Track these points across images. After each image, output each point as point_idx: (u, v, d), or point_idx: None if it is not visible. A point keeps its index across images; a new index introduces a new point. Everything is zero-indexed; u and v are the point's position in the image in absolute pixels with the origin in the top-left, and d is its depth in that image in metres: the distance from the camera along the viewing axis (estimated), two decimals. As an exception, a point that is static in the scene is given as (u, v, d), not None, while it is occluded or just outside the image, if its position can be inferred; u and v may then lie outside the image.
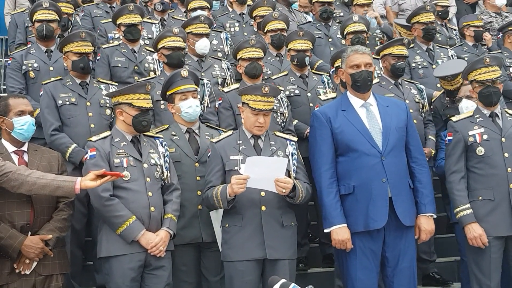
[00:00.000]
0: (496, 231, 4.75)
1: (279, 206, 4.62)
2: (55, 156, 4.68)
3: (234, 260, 4.59)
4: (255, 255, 4.56)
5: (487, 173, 4.80)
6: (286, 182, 4.48)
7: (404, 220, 4.52)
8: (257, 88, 4.71)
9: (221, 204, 4.54)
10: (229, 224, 4.65)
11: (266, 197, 4.58)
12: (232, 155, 4.66)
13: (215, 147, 4.72)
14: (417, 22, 7.05)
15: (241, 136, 4.75)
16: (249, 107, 4.68)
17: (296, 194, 4.55)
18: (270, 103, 4.72)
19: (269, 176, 4.46)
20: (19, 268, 4.36)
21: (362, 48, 4.72)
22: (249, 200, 4.57)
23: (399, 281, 4.58)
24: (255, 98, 4.67)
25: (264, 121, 4.69)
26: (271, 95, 4.72)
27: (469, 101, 5.55)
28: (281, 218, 4.62)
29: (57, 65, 6.24)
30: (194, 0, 7.73)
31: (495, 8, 9.29)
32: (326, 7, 7.71)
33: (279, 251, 4.58)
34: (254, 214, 4.58)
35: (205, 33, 6.50)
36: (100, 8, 8.13)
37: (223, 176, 4.66)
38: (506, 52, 7.10)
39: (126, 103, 4.65)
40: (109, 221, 4.51)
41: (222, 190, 4.52)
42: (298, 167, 4.74)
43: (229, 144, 4.71)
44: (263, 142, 4.74)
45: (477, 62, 5.01)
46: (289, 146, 4.76)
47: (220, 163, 4.67)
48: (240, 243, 4.58)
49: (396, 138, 4.58)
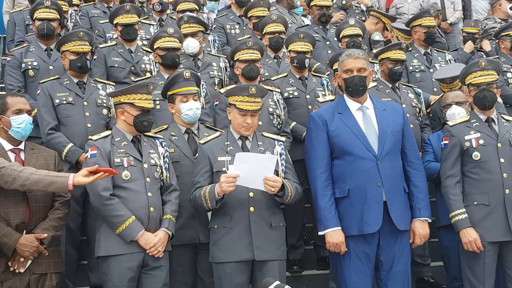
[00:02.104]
0: (491, 236, 4.75)
1: (267, 207, 4.62)
2: (51, 154, 4.69)
3: (223, 261, 4.58)
4: (244, 256, 4.56)
5: (483, 178, 4.80)
6: (274, 180, 4.47)
7: (398, 224, 4.53)
8: (244, 89, 4.70)
9: (210, 203, 4.52)
10: (217, 225, 4.64)
11: (254, 198, 4.58)
12: (220, 156, 4.65)
13: (202, 148, 4.72)
14: (419, 25, 7.05)
15: (228, 137, 4.74)
16: (236, 108, 4.67)
17: (285, 193, 4.54)
18: (258, 104, 4.71)
19: (258, 174, 4.44)
20: (14, 267, 4.37)
21: (357, 52, 4.71)
22: (238, 201, 4.57)
23: (393, 284, 4.58)
24: (242, 99, 4.67)
25: (252, 121, 4.69)
26: (258, 96, 4.71)
27: (459, 108, 5.57)
28: (269, 219, 4.62)
29: (56, 64, 6.24)
30: (183, 2, 7.75)
31: (504, 15, 9.28)
32: (324, 11, 7.71)
33: (268, 252, 4.58)
34: (243, 215, 4.58)
35: (190, 33, 6.48)
36: (97, 8, 8.15)
37: (211, 177, 4.65)
38: (502, 58, 7.11)
39: (128, 103, 4.65)
40: (109, 221, 4.51)
41: (211, 190, 4.51)
42: (287, 167, 4.74)
43: (217, 145, 4.70)
44: (250, 143, 4.74)
45: (472, 66, 5.02)
46: (277, 146, 4.76)
47: (208, 164, 4.66)
48: (228, 244, 4.57)
49: (392, 142, 4.59)
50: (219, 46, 7.38)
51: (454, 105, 5.61)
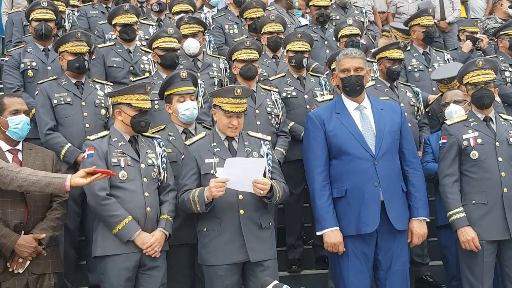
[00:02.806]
0: (489, 235, 4.76)
1: (256, 209, 4.61)
2: (49, 155, 4.69)
3: (214, 264, 4.56)
4: (236, 258, 4.54)
5: (481, 177, 4.81)
6: (264, 183, 4.45)
7: (396, 224, 4.53)
8: (230, 91, 4.65)
9: (199, 207, 4.49)
10: (207, 228, 4.61)
11: (243, 200, 4.56)
12: (207, 158, 4.61)
13: (188, 150, 4.67)
14: (418, 25, 7.05)
15: (214, 138, 4.69)
16: (222, 110, 4.63)
17: (274, 194, 4.53)
18: (243, 105, 4.67)
19: (247, 177, 4.42)
20: (12, 267, 4.37)
21: (354, 51, 4.69)
22: (227, 204, 4.54)
23: (391, 284, 4.58)
24: (227, 101, 4.62)
25: (238, 122, 4.66)
26: (244, 97, 4.67)
27: (456, 106, 5.57)
28: (259, 220, 4.60)
29: (54, 64, 6.24)
30: (178, 4, 7.75)
31: (505, 15, 9.27)
32: (323, 11, 7.71)
33: (261, 253, 4.57)
34: (233, 217, 4.55)
35: (190, 34, 6.48)
36: (95, 8, 8.15)
37: (198, 180, 4.62)
38: (501, 57, 7.11)
39: (125, 103, 4.65)
40: (105, 221, 4.50)
41: (199, 193, 4.48)
42: (274, 167, 4.73)
43: (203, 146, 4.65)
44: (237, 143, 4.70)
45: (470, 65, 5.02)
46: (263, 146, 4.74)
47: (195, 166, 4.62)
48: (219, 247, 4.54)
49: (389, 142, 4.58)
50: (214, 47, 7.38)
51: (452, 104, 5.62)
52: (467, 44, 7.77)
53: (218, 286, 4.54)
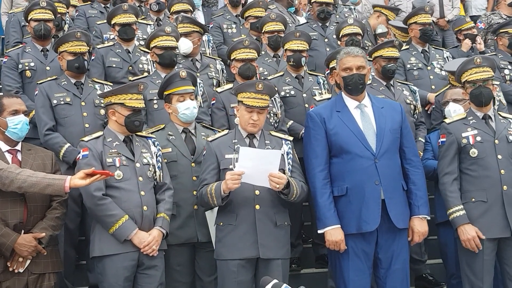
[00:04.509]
0: (489, 233, 4.75)
1: (273, 205, 4.62)
2: (48, 155, 4.70)
3: (227, 258, 4.58)
4: (248, 254, 4.56)
5: (480, 175, 4.81)
6: (280, 177, 4.46)
7: (397, 222, 4.53)
8: (251, 85, 4.71)
9: (215, 201, 4.52)
10: (223, 222, 4.64)
11: (260, 195, 4.58)
12: (227, 154, 4.66)
13: (210, 146, 4.73)
14: (415, 23, 7.05)
15: (236, 135, 4.74)
16: (243, 104, 4.68)
17: (290, 191, 4.54)
18: (265, 101, 4.71)
19: (263, 170, 4.44)
20: (13, 267, 4.38)
21: (355, 50, 4.70)
22: (243, 198, 4.57)
23: (391, 282, 4.58)
24: (249, 95, 4.67)
25: (258, 118, 4.68)
26: (265, 93, 4.71)
27: (456, 105, 5.56)
28: (274, 218, 4.61)
29: (53, 65, 6.23)
30: (177, 4, 7.75)
31: (509, 11, 9.24)
32: (324, 7, 7.71)
33: (272, 251, 4.58)
34: (248, 212, 4.58)
35: (183, 33, 6.46)
36: (94, 8, 8.14)
37: (217, 175, 4.66)
38: (500, 54, 7.10)
39: (119, 103, 4.67)
40: (102, 221, 4.51)
41: (217, 187, 4.52)
42: (294, 166, 4.73)
43: (224, 143, 4.71)
44: (258, 141, 4.73)
45: (468, 63, 5.02)
46: (284, 146, 4.75)
47: (215, 161, 4.67)
48: (233, 242, 4.57)
49: (390, 140, 4.59)
50: (213, 46, 7.38)
51: (451, 102, 5.61)
52: (466, 43, 7.77)
53: (230, 282, 4.55)
